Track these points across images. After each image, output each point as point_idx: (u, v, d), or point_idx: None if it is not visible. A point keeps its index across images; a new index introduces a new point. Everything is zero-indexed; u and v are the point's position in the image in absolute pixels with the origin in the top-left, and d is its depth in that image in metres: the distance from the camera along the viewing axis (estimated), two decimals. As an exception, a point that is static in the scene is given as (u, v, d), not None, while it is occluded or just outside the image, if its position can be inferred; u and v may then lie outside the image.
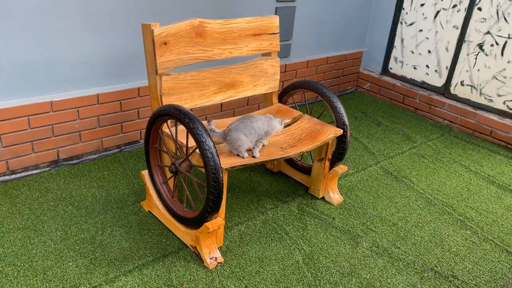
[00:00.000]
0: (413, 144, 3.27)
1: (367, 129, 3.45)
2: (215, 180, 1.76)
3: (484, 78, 3.41)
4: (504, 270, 2.08)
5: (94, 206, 2.30)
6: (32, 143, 2.48)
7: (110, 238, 2.08)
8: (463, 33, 3.46)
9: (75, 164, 2.66)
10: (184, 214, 2.04)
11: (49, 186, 2.43)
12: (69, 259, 1.94)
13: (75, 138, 2.63)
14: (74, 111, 2.56)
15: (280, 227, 2.25)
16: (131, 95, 2.75)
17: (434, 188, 2.72)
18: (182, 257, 2.00)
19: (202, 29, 2.11)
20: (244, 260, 2.02)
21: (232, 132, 1.98)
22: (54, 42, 2.36)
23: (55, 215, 2.21)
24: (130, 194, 2.42)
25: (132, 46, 2.64)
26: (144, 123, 2.89)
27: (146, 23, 1.96)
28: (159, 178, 2.17)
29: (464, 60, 3.50)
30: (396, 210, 2.47)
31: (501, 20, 3.22)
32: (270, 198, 2.49)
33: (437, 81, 3.74)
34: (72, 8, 2.35)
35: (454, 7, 3.48)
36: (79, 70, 2.51)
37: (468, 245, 2.23)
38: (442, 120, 3.70)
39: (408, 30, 3.84)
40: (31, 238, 2.04)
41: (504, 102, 3.33)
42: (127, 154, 2.82)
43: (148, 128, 2.07)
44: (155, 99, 2.08)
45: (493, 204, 2.59)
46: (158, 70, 2.00)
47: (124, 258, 1.97)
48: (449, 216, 2.45)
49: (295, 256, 2.07)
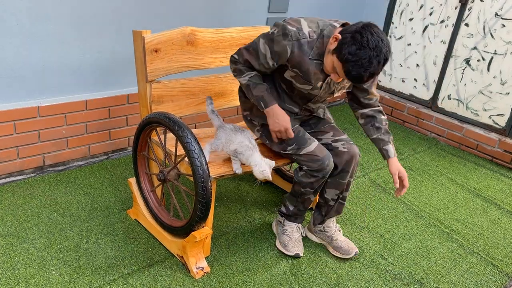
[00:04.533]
0: (400, 156, 3.29)
1: (356, 141, 3.47)
2: (204, 189, 1.75)
3: (470, 93, 3.47)
4: (489, 283, 2.09)
5: (80, 213, 2.27)
6: (17, 149, 2.44)
7: (95, 246, 2.05)
8: (450, 48, 3.52)
9: (61, 171, 2.63)
10: (171, 223, 2.02)
11: (34, 192, 2.39)
12: (52, 267, 1.90)
13: (62, 144, 2.60)
14: (61, 117, 2.53)
15: (268, 237, 2.24)
16: (120, 101, 2.73)
17: (421, 200, 2.73)
18: (168, 266, 1.98)
19: (194, 37, 2.12)
20: (231, 270, 2.00)
21: (222, 129, 1.96)
22: (43, 47, 2.34)
23: (39, 222, 2.17)
24: (116, 202, 2.39)
25: (121, 53, 2.63)
26: (132, 130, 2.87)
27: (137, 30, 1.95)
28: (147, 186, 2.15)
29: (451, 75, 3.56)
30: (383, 221, 2.48)
31: (488, 36, 3.29)
32: (258, 208, 2.48)
33: (424, 94, 3.79)
34: (62, 13, 2.33)
35: (442, 22, 3.54)
36: (68, 76, 2.49)
37: (454, 257, 2.25)
38: (429, 133, 3.74)
39: (397, 44, 3.90)
40: (13, 245, 2.00)
41: (490, 116, 3.39)
42: (114, 161, 2.80)
43: (136, 136, 2.05)
44: (144, 106, 2.07)
45: (479, 217, 2.62)
46: (148, 77, 1.99)
47: (109, 266, 1.94)
48: (436, 229, 2.46)
49: (283, 266, 2.06)
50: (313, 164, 1.94)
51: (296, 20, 1.82)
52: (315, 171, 1.95)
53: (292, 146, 1.98)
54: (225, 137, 1.92)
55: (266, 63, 1.86)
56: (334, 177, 2.05)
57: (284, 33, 1.78)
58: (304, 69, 1.82)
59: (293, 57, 1.79)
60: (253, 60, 1.89)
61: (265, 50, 1.83)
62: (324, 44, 1.78)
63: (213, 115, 2.06)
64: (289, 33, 1.77)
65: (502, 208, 2.73)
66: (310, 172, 1.96)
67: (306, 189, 2.01)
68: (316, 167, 1.94)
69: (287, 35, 1.77)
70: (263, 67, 1.89)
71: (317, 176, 1.96)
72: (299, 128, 2.02)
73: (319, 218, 2.18)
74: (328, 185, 2.08)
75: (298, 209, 2.13)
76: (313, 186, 2.00)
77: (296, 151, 1.97)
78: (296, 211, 2.13)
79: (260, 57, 1.86)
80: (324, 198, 2.11)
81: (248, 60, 1.91)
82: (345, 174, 2.04)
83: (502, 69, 3.24)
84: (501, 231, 2.50)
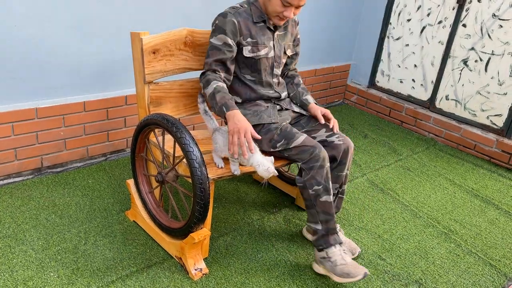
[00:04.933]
0: (399, 157, 3.30)
1: (354, 141, 3.48)
2: (202, 190, 1.75)
3: (468, 93, 3.47)
4: (488, 284, 2.10)
5: (78, 215, 2.26)
6: (15, 150, 2.44)
7: (93, 248, 2.04)
8: (448, 49, 3.53)
9: (59, 172, 2.62)
10: (169, 224, 2.02)
11: (32, 194, 2.39)
12: (50, 269, 1.90)
13: (60, 145, 2.60)
14: (59, 118, 2.53)
15: (266, 238, 2.24)
16: (118, 103, 2.73)
17: (419, 200, 2.74)
18: (166, 268, 1.98)
19: (191, 38, 2.12)
20: (229, 271, 2.00)
21: (217, 132, 1.93)
22: (41, 48, 2.34)
23: (37, 224, 2.17)
24: (115, 203, 2.39)
25: (120, 54, 2.63)
26: (130, 132, 2.87)
27: (135, 32, 1.95)
28: (145, 187, 2.15)
29: (449, 75, 3.57)
30: (381, 222, 2.48)
31: (485, 37, 3.29)
32: (257, 209, 2.48)
33: (422, 95, 3.79)
34: (60, 14, 2.33)
35: (439, 23, 3.55)
36: (66, 77, 2.49)
37: (452, 258, 2.25)
38: (427, 134, 3.75)
39: (395, 45, 3.90)
40: (11, 247, 2.00)
41: (488, 117, 3.39)
42: (112, 163, 2.79)
43: (134, 137, 2.05)
44: (142, 107, 2.07)
45: (477, 218, 2.62)
46: (146, 78, 1.99)
47: (107, 268, 1.94)
48: (434, 229, 2.47)
49: (281, 267, 2.06)
50: (305, 155, 1.93)
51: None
52: (309, 162, 1.92)
53: (281, 142, 1.98)
54: (223, 140, 1.90)
55: (228, 46, 1.98)
56: (333, 170, 2.08)
57: (222, 15, 1.99)
58: (254, 33, 2.02)
59: (241, 27, 1.99)
60: (217, 55, 1.98)
61: (220, 39, 1.97)
62: (257, 6, 2.03)
63: (207, 116, 2.03)
64: (225, 12, 2.00)
65: (500, 208, 2.74)
66: (306, 166, 1.93)
67: (314, 188, 1.93)
68: (308, 157, 1.92)
69: (225, 14, 1.99)
70: (229, 51, 1.99)
71: (314, 166, 1.91)
72: (287, 125, 2.04)
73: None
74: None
75: (326, 222, 1.96)
76: (317, 181, 1.92)
77: (285, 146, 1.98)
78: (325, 227, 1.96)
79: (221, 48, 1.97)
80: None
81: (215, 60, 1.98)
82: (343, 166, 2.08)
83: (500, 70, 3.25)
84: (499, 231, 2.50)
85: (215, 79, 1.94)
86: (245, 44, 2.02)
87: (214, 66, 1.99)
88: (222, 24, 1.97)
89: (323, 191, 1.93)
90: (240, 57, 2.05)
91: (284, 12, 1.95)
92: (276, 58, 2.12)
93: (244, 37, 2.01)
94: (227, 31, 1.96)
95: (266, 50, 2.06)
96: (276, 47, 2.10)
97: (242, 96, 2.10)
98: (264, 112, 2.08)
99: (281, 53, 2.13)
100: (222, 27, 1.97)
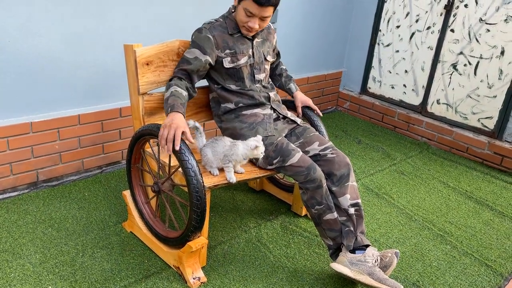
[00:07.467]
0: (393, 161, 3.33)
1: (348, 147, 3.51)
2: (198, 199, 1.76)
3: (459, 97, 3.52)
4: (484, 284, 2.11)
5: (75, 227, 2.26)
6: (10, 165, 2.44)
7: (91, 260, 2.04)
8: (437, 54, 3.58)
9: (55, 186, 2.62)
10: (166, 234, 2.02)
11: (28, 208, 2.39)
12: (48, 283, 1.89)
13: (55, 159, 2.60)
14: (54, 132, 2.54)
15: (264, 245, 2.25)
16: (112, 115, 2.74)
17: (414, 204, 2.76)
18: (165, 277, 1.98)
19: (184, 49, 2.14)
20: (227, 279, 2.01)
21: (205, 147, 1.99)
22: (34, 62, 2.35)
23: (34, 237, 2.16)
24: (111, 215, 2.39)
25: (113, 66, 2.65)
26: (125, 144, 2.88)
27: (128, 44, 1.98)
28: (141, 198, 2.16)
29: (440, 80, 3.62)
30: (377, 226, 2.50)
31: (473, 41, 3.35)
32: (253, 217, 2.49)
33: (414, 99, 3.84)
34: (53, 28, 2.36)
35: (428, 28, 3.61)
36: (60, 90, 2.50)
37: (448, 259, 2.27)
38: (420, 138, 3.78)
39: (385, 51, 3.96)
40: (9, 262, 1.99)
41: (479, 119, 3.44)
42: (108, 175, 2.80)
43: (130, 148, 2.07)
44: (137, 119, 2.08)
45: (472, 219, 2.65)
46: (140, 90, 2.01)
47: (105, 280, 1.93)
48: (429, 232, 2.48)
49: (279, 274, 2.06)
50: (300, 177, 1.96)
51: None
52: (305, 183, 1.96)
53: (277, 159, 2.00)
54: (211, 151, 1.94)
55: (199, 61, 2.01)
56: (336, 184, 2.01)
57: (198, 30, 2.06)
58: (231, 44, 2.07)
59: (217, 40, 2.04)
60: (186, 65, 2.02)
61: (192, 53, 2.02)
62: (232, 19, 2.08)
63: (197, 132, 2.03)
64: (201, 28, 2.06)
65: (494, 210, 2.76)
66: (303, 186, 1.98)
67: (316, 208, 1.97)
68: (303, 180, 1.96)
69: (201, 30, 2.05)
70: (199, 64, 2.02)
71: (311, 187, 1.95)
72: (283, 140, 2.05)
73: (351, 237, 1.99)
74: (337, 194, 2.01)
75: (334, 239, 2.00)
76: (318, 201, 1.95)
77: (281, 164, 2.00)
78: (335, 242, 2.01)
79: (191, 61, 2.01)
80: (342, 210, 2.00)
81: (181, 69, 2.02)
82: (346, 178, 2.02)
83: (489, 73, 3.30)
84: (494, 232, 2.53)
85: (176, 85, 1.96)
86: (224, 56, 2.06)
87: (179, 74, 2.02)
88: (197, 40, 2.03)
89: (326, 209, 1.98)
90: (222, 69, 2.09)
91: (249, 23, 1.99)
92: (255, 65, 2.15)
93: (222, 50, 2.05)
94: (202, 47, 2.01)
95: (245, 59, 2.10)
96: (256, 54, 2.14)
97: (233, 100, 2.13)
98: (260, 125, 2.09)
99: (261, 59, 2.17)
100: (197, 42, 2.03)
